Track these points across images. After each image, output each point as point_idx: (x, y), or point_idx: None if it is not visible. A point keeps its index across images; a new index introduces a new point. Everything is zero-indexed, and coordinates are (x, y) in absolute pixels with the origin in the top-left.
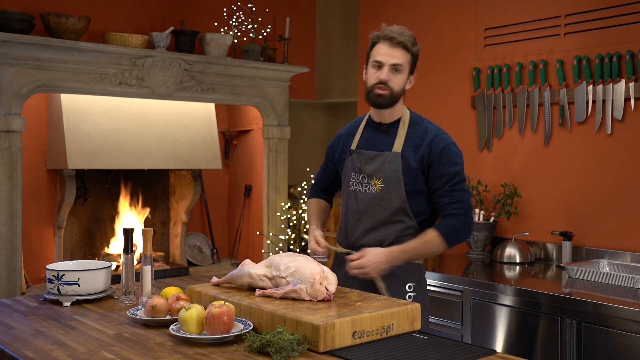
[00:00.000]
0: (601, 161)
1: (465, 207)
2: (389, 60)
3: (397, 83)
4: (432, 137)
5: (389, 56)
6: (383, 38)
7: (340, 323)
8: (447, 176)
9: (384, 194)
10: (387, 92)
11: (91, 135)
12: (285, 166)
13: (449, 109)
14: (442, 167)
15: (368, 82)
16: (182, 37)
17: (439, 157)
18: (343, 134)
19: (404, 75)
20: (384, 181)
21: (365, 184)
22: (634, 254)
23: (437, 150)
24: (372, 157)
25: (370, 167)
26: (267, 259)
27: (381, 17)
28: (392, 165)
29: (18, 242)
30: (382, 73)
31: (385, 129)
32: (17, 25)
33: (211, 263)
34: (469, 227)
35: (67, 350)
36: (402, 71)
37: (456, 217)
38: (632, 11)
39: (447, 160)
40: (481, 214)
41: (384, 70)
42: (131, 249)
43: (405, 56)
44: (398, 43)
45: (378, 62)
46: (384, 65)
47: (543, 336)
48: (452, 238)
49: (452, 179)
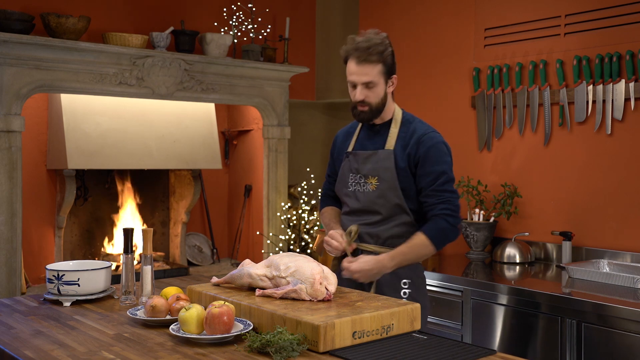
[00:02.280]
0: (601, 161)
1: (453, 208)
2: (360, 79)
3: (374, 97)
4: (420, 135)
5: (358, 75)
6: (351, 55)
7: (340, 323)
8: (434, 174)
9: (380, 192)
10: (366, 108)
11: (91, 135)
12: (285, 166)
13: (449, 109)
14: (428, 165)
15: (351, 99)
16: (182, 37)
17: (426, 155)
18: (340, 136)
19: (379, 87)
20: (379, 179)
21: (363, 183)
22: (634, 254)
23: (424, 148)
24: (366, 157)
25: (366, 167)
26: (267, 259)
27: (381, 17)
28: (385, 162)
29: (18, 242)
30: (356, 93)
31: (378, 129)
32: (17, 25)
33: (211, 263)
34: (456, 228)
35: (67, 350)
36: (376, 85)
37: (443, 218)
38: (632, 11)
39: (434, 158)
40: (481, 214)
41: (358, 90)
42: (131, 249)
43: (375, 69)
44: (364, 60)
45: (351, 82)
46: (357, 84)
47: (543, 336)
48: (440, 240)
49: (438, 177)
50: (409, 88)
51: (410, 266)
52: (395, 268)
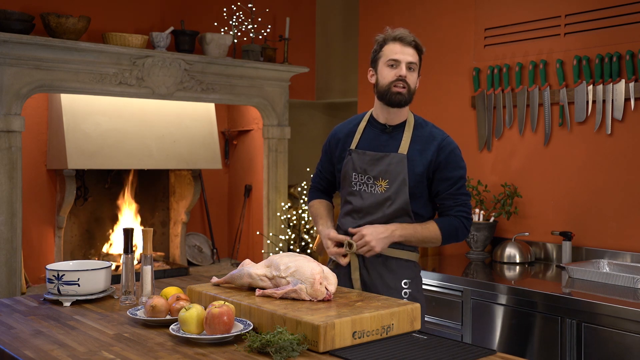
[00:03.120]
0: (601, 161)
1: (467, 211)
2: (405, 58)
3: (413, 81)
4: (440, 141)
5: (404, 54)
6: (393, 39)
7: (340, 323)
8: (453, 179)
9: (389, 195)
10: (405, 89)
11: (91, 135)
12: (285, 166)
13: (449, 109)
14: (448, 170)
15: (383, 82)
16: (182, 37)
17: (446, 161)
18: (342, 133)
19: (416, 74)
20: (390, 182)
21: (371, 184)
22: (634, 254)
23: (444, 154)
24: (377, 159)
25: (376, 169)
26: (267, 259)
27: (381, 17)
28: (398, 166)
29: (18, 242)
30: (400, 70)
31: (390, 131)
32: (17, 25)
33: (211, 263)
34: (467, 230)
35: (67, 350)
36: (415, 70)
37: (459, 219)
38: (632, 11)
39: (454, 164)
40: (481, 214)
41: (402, 67)
42: (131, 249)
43: (416, 55)
44: (410, 42)
45: (394, 60)
46: (401, 62)
47: (543, 336)
48: (449, 235)
49: (456, 182)
50: None
51: (409, 265)
52: (401, 239)
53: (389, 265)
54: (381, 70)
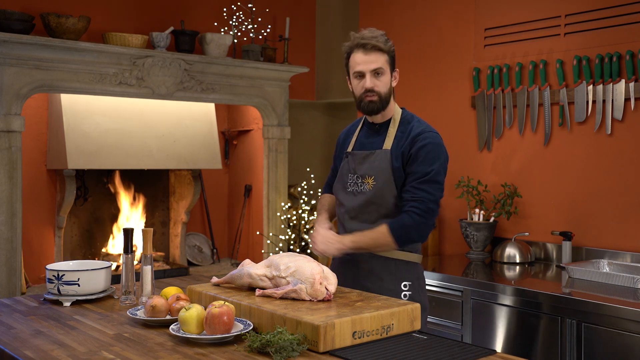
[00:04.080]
0: (601, 161)
1: (423, 208)
2: (368, 67)
3: (382, 86)
4: (415, 134)
5: (366, 63)
6: (356, 46)
7: (340, 323)
8: (418, 174)
9: (377, 191)
10: (375, 97)
11: (91, 135)
12: (285, 166)
13: (449, 109)
14: (416, 164)
15: (356, 93)
16: (182, 37)
17: (416, 154)
18: (343, 136)
19: (386, 76)
20: (376, 179)
21: (360, 183)
22: (634, 254)
23: (415, 148)
24: (364, 157)
25: (363, 167)
26: (267, 259)
27: (381, 17)
28: (382, 162)
29: (18, 242)
30: (365, 81)
31: (378, 129)
32: (17, 25)
33: (211, 263)
34: (421, 228)
35: (67, 350)
36: (384, 73)
37: (409, 215)
38: (632, 11)
39: (422, 158)
40: (481, 214)
41: (367, 78)
42: (131, 249)
43: (381, 58)
44: (371, 47)
45: (358, 72)
46: (365, 73)
47: (543, 336)
48: (400, 236)
49: (419, 177)
50: (409, 88)
51: (409, 267)
52: (354, 249)
53: (389, 267)
54: (352, 81)
